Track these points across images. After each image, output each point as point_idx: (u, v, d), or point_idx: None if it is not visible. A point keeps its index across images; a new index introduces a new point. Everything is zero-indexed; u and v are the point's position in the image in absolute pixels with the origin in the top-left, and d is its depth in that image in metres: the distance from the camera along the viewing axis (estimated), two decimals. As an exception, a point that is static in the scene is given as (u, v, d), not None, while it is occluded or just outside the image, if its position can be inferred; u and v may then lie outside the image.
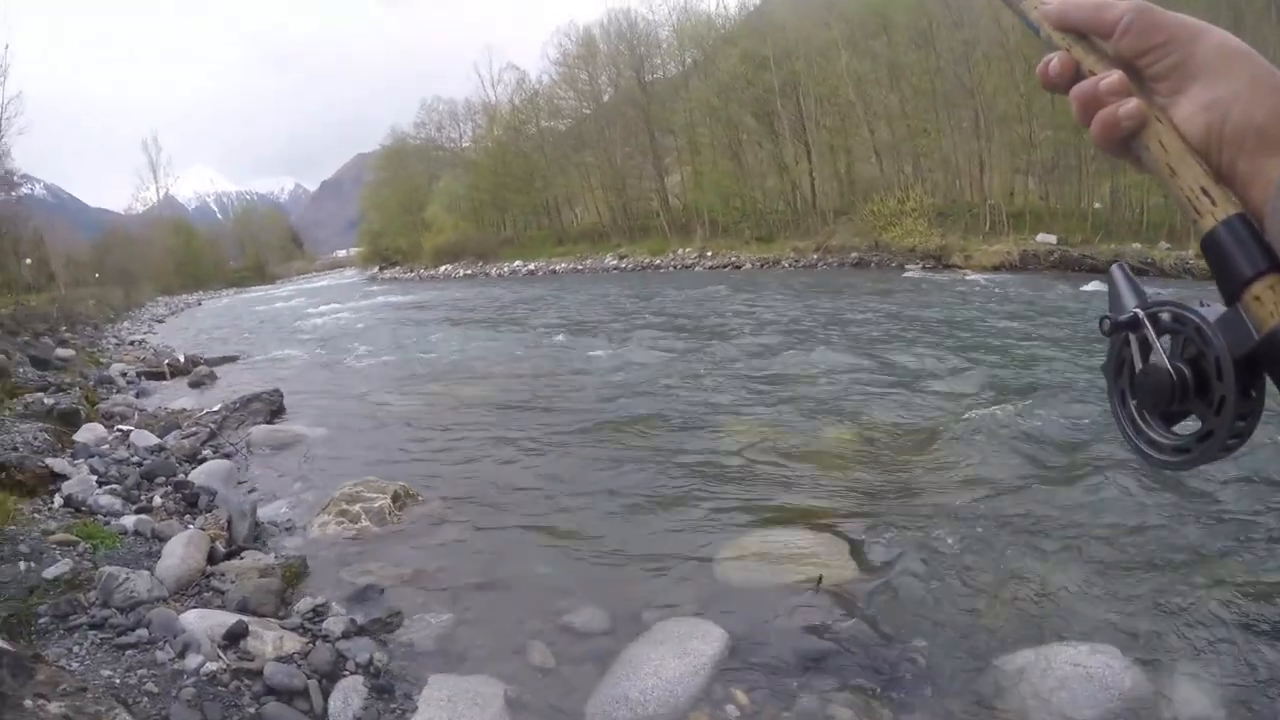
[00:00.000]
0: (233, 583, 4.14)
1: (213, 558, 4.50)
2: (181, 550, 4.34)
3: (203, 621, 3.55)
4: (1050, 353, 10.28)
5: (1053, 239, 27.82)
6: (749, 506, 5.34)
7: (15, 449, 5.88)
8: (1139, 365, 0.58)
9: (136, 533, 4.84)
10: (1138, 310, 0.58)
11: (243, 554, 4.66)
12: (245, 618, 3.62)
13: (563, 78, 53.78)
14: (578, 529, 5.14)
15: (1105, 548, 4.38)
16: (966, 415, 7.15)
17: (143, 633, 3.46)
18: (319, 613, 3.88)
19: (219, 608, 3.87)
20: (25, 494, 5.30)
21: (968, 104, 33.16)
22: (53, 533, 4.51)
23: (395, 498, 5.48)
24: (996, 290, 19.84)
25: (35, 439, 6.43)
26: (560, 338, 14.33)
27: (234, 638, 3.46)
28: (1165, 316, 0.56)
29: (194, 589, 4.13)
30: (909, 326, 13.25)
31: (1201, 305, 0.54)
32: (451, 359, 13.03)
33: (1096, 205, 29.82)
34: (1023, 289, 19.84)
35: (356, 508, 5.30)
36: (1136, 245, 24.69)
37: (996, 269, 26.17)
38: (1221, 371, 0.52)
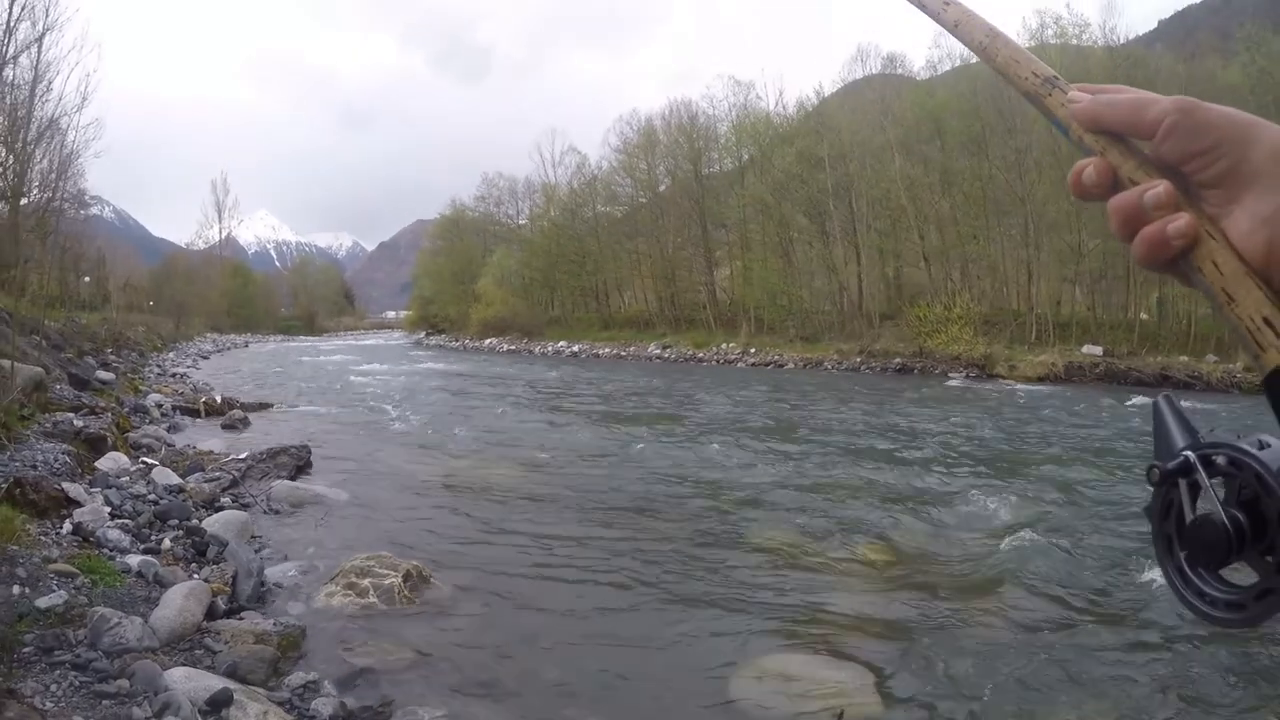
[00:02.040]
0: (226, 644, 3.97)
1: (211, 613, 4.34)
2: (180, 601, 4.19)
3: (188, 683, 3.37)
4: (1093, 474, 9.88)
5: (1098, 350, 27.41)
6: (773, 622, 5.07)
7: (34, 467, 5.84)
8: (1189, 513, 0.51)
9: (139, 574, 4.71)
10: (1188, 453, 0.51)
11: (242, 614, 4.49)
12: (233, 685, 3.43)
13: (621, 165, 55.00)
14: (592, 631, 4.90)
15: (1144, 695, 4.07)
16: (1004, 541, 6.78)
17: (124, 684, 3.29)
18: (310, 689, 3.67)
19: (208, 668, 3.69)
20: (36, 514, 5.22)
21: (1018, 211, 33.22)
22: (54, 560, 4.40)
23: (407, 577, 5.27)
24: (1040, 403, 19.38)
25: (56, 460, 6.40)
26: (598, 426, 14.13)
27: (216, 705, 3.26)
28: (1220, 460, 0.50)
29: (186, 644, 3.96)
30: (950, 440, 12.87)
31: (1261, 446, 0.48)
32: (485, 436, 12.86)
33: (1143, 316, 29.41)
34: (1067, 402, 19.39)
35: (366, 582, 5.11)
36: (1184, 358, 24.22)
37: (1041, 380, 25.69)
38: None
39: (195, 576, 4.90)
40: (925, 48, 72.91)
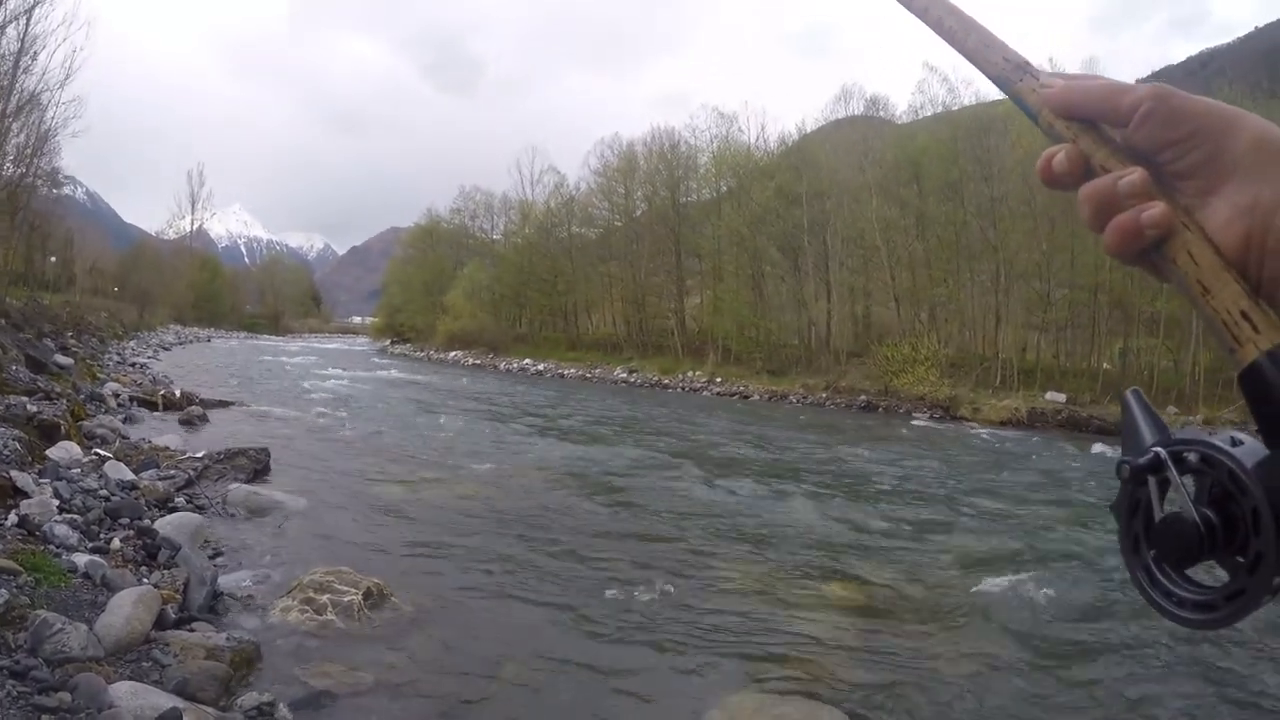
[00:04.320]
0: (176, 657, 3.75)
1: (161, 622, 4.11)
2: (129, 609, 3.96)
3: (134, 699, 3.16)
4: (1057, 518, 9.98)
5: (1061, 398, 27.79)
6: (741, 658, 4.96)
7: (-18, 451, 5.54)
8: (1158, 511, 0.50)
9: (86, 575, 4.47)
10: (1158, 449, 0.50)
11: (193, 625, 4.27)
12: (181, 703, 3.23)
13: (600, 187, 54.92)
14: (557, 661, 4.73)
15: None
16: (972, 579, 6.84)
17: (65, 697, 3.08)
18: (263, 712, 3.48)
19: (155, 683, 3.48)
20: (-20, 501, 4.93)
21: (990, 258, 33.69)
22: (-4, 556, 4.13)
23: (367, 595, 5.06)
24: (1002, 447, 19.57)
25: (5, 447, 6.10)
26: (562, 446, 13.92)
27: (163, 725, 3.05)
28: (1191, 457, 0.49)
29: (133, 655, 3.74)
30: (916, 479, 12.90)
31: (1234, 443, 0.47)
32: (449, 449, 12.61)
33: (1106, 366, 29.97)
34: (1030, 447, 19.58)
35: (324, 598, 4.90)
36: None
37: (1004, 424, 25.92)
38: (1260, 525, 0.46)
39: (145, 581, 4.66)
40: (909, 92, 74.34)
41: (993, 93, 0.64)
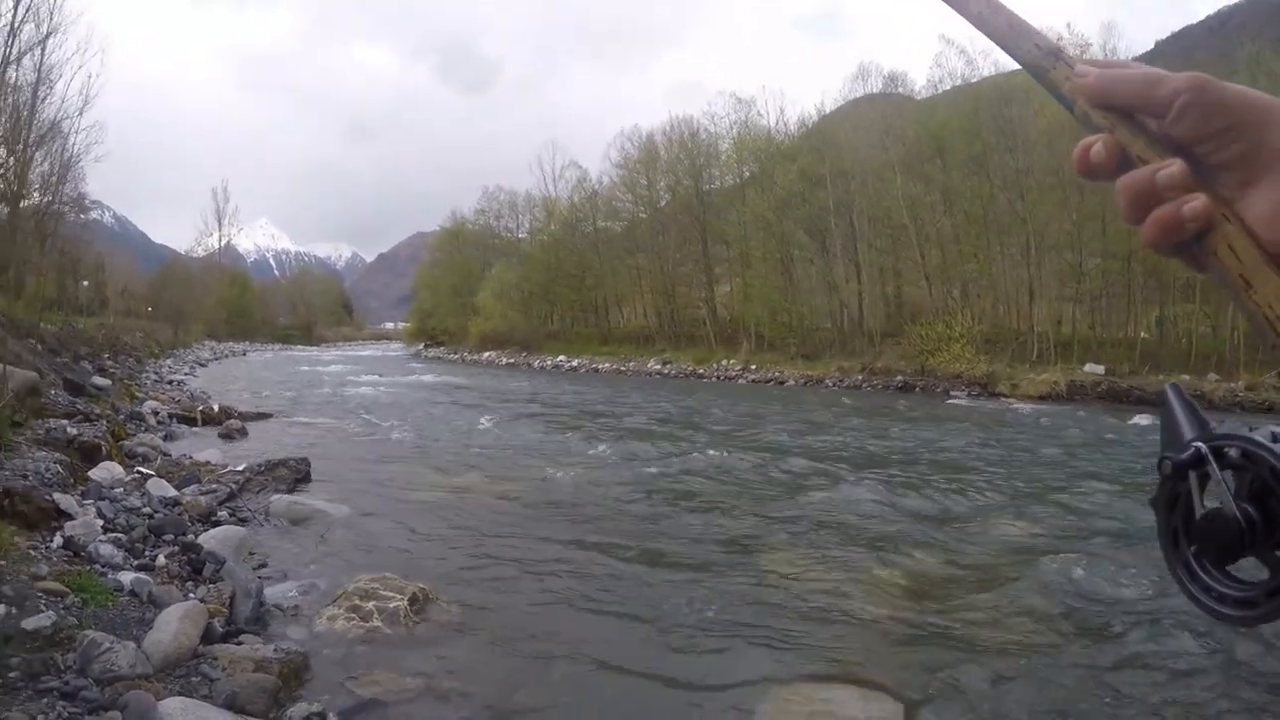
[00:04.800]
0: (224, 671, 3.73)
1: (208, 636, 4.11)
2: (176, 624, 3.96)
3: (183, 715, 3.16)
4: (1103, 492, 9.76)
5: (1100, 369, 27.39)
6: (793, 651, 4.83)
7: (25, 476, 5.61)
8: (1199, 507, 0.50)
9: (132, 593, 4.49)
10: (1199, 444, 0.50)
11: (241, 638, 4.26)
12: (231, 717, 3.24)
13: (622, 180, 54.79)
14: (607, 658, 4.65)
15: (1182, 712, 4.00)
16: (1023, 562, 6.67)
17: (115, 716, 3.08)
18: (312, 723, 3.43)
19: (204, 698, 3.46)
20: (25, 526, 5.00)
21: (1019, 230, 33.12)
22: (43, 578, 4.17)
23: (413, 599, 5.03)
24: (1044, 421, 19.25)
25: (48, 470, 6.17)
26: (602, 442, 13.82)
27: (214, 740, 3.03)
28: (1232, 452, 0.49)
29: (181, 671, 3.73)
30: (958, 459, 12.70)
31: (1275, 439, 0.48)
32: (488, 451, 12.57)
33: (1144, 335, 29.39)
34: (1070, 420, 19.29)
35: (370, 605, 4.87)
36: (1185, 377, 24.24)
37: (1043, 399, 25.60)
38: None
39: (191, 596, 4.67)
40: (927, 67, 73.21)
41: (1012, 62, 0.58)
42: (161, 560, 5.23)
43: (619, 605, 5.53)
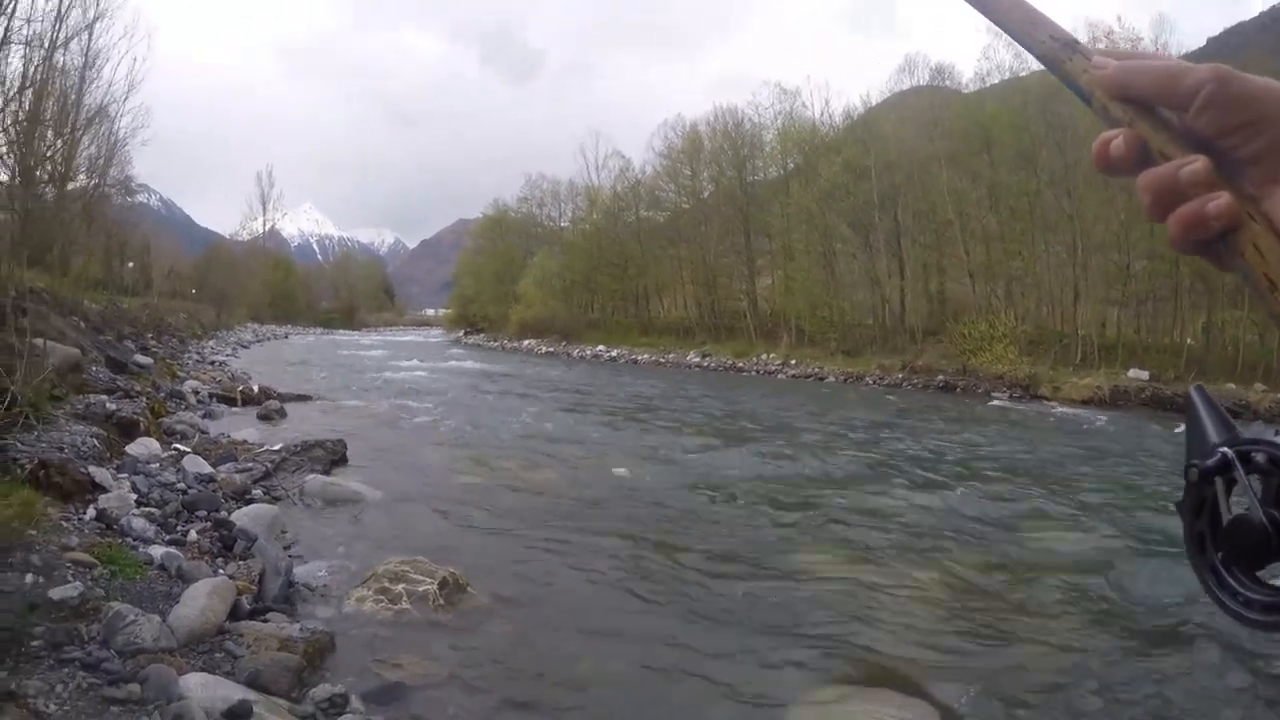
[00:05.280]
0: (249, 648, 3.71)
1: (235, 613, 4.10)
2: (204, 600, 3.95)
3: (204, 691, 3.11)
4: (1145, 502, 9.55)
5: (1144, 375, 26.67)
6: (830, 653, 4.72)
7: (61, 449, 5.67)
8: (1225, 512, 0.49)
9: (161, 567, 4.50)
10: (1225, 450, 0.49)
11: (268, 615, 4.24)
12: (253, 695, 3.18)
13: (665, 170, 54.46)
14: (638, 654, 4.57)
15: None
16: (1063, 569, 6.49)
17: (135, 689, 3.05)
18: (336, 704, 3.39)
19: (227, 674, 3.44)
20: (60, 498, 5.05)
21: (1066, 228, 32.32)
22: (72, 549, 4.19)
23: (443, 584, 4.98)
24: (1086, 427, 18.81)
25: (85, 443, 6.24)
26: (641, 433, 13.75)
27: (234, 718, 2.99)
28: (1259, 457, 0.48)
29: (205, 646, 3.72)
30: (1000, 462, 12.39)
31: None
32: (526, 438, 12.53)
33: (1190, 341, 28.59)
34: (1114, 427, 18.83)
35: (400, 588, 4.84)
36: (1231, 385, 23.57)
37: (1086, 403, 25.01)
38: None
39: (220, 572, 4.67)
40: (974, 59, 71.68)
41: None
42: (193, 536, 5.25)
43: (654, 601, 5.44)
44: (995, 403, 25.59)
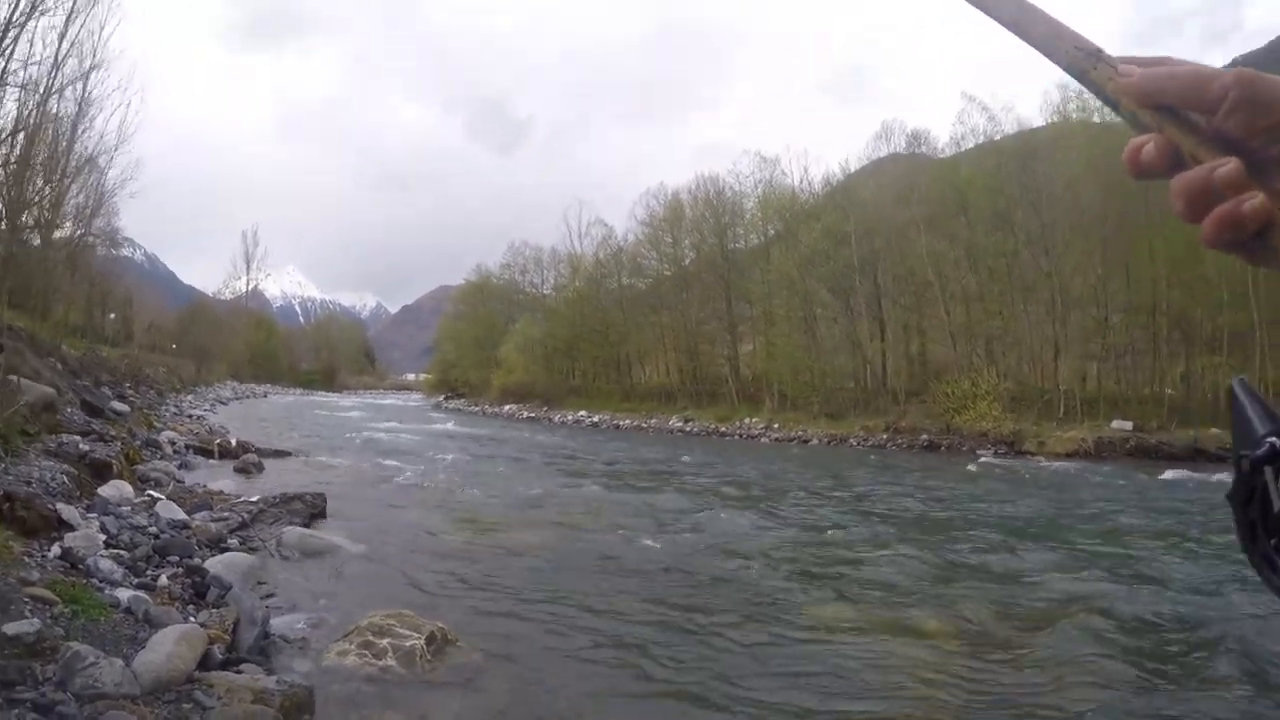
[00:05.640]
0: (220, 699, 3.39)
1: (206, 662, 3.78)
2: (171, 645, 3.64)
3: (169, 744, 2.80)
4: (1138, 546, 9.53)
5: (1128, 425, 26.91)
6: (836, 702, 4.45)
7: (29, 483, 5.36)
8: (1276, 500, 0.50)
9: (128, 610, 4.18)
10: (1273, 440, 0.50)
11: (241, 666, 3.93)
12: (222, 749, 2.85)
13: (647, 238, 55.00)
14: (638, 711, 4.30)
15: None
16: (1069, 614, 6.34)
17: (94, 740, 2.72)
18: (314, 758, 3.07)
19: (195, 727, 3.11)
20: (23, 532, 4.75)
21: (1044, 286, 32.83)
22: (33, 583, 3.87)
23: (431, 639, 4.67)
24: (1073, 479, 18.78)
25: (54, 479, 5.93)
26: (624, 494, 13.41)
27: (202, 772, 2.68)
28: None
29: (171, 695, 3.39)
30: (989, 516, 12.22)
31: None
32: (509, 499, 12.18)
33: (1169, 391, 28.88)
34: (1099, 478, 18.83)
35: (384, 642, 4.52)
36: (1214, 430, 23.68)
37: (1071, 456, 25.15)
38: None
39: (192, 619, 4.35)
40: (949, 124, 73.54)
41: (1035, 118, 0.52)
42: (163, 581, 4.92)
43: (649, 656, 5.13)
44: (982, 459, 25.57)
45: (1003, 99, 54.94)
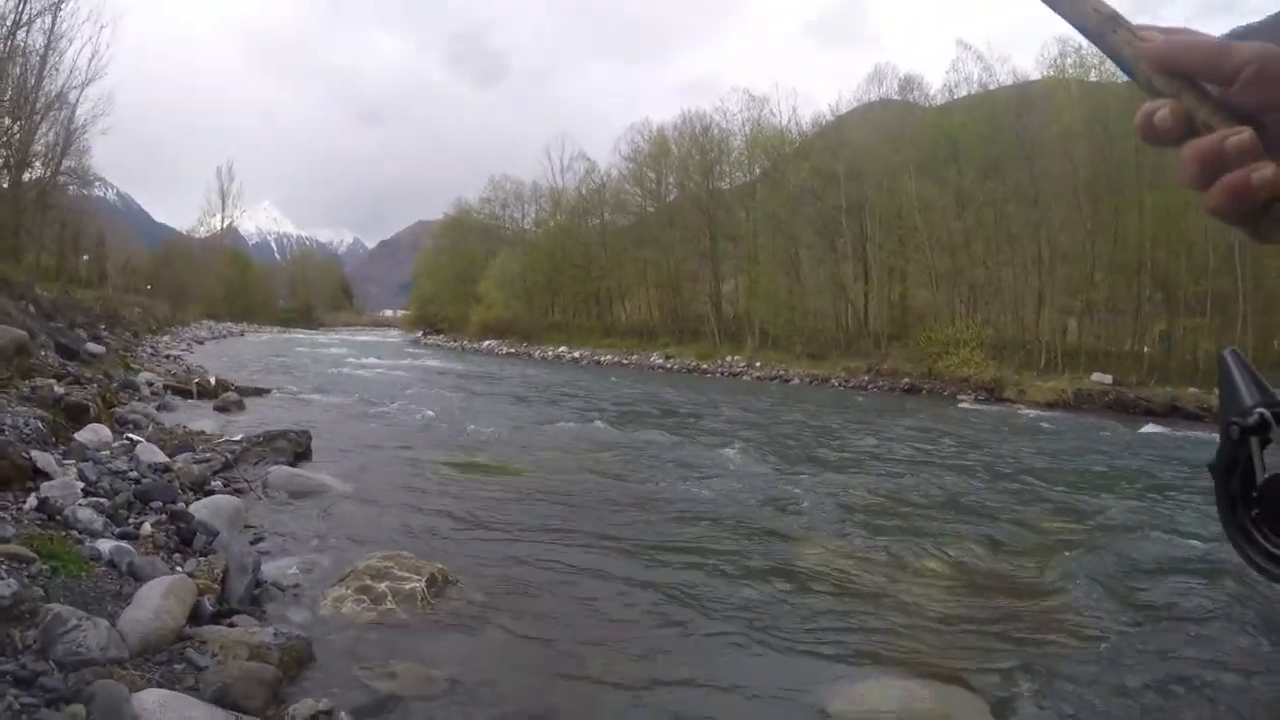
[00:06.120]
0: (214, 658, 3.16)
1: (196, 616, 3.55)
2: (159, 600, 3.38)
3: (164, 712, 2.59)
4: (1124, 495, 9.65)
5: (1108, 379, 27.21)
6: (852, 644, 4.37)
7: (1, 430, 5.03)
8: (1261, 472, 0.51)
9: (111, 563, 3.91)
10: (1262, 410, 0.51)
11: (234, 619, 3.69)
12: (222, 714, 2.65)
13: (631, 174, 54.17)
14: (650, 651, 4.13)
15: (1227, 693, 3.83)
16: (1068, 555, 6.43)
17: (79, 710, 2.49)
18: (321, 724, 2.86)
19: (190, 690, 2.90)
20: (-2, 485, 4.41)
21: (1031, 237, 32.73)
22: (8, 540, 3.59)
23: (431, 581, 4.47)
24: (1053, 428, 18.98)
25: (27, 425, 5.60)
26: (612, 430, 13.22)
27: (200, 743, 2.46)
28: None
29: (163, 656, 3.16)
30: (974, 459, 12.24)
31: None
32: (499, 435, 11.91)
33: (1147, 349, 29.19)
34: (1080, 428, 19.07)
35: (383, 586, 4.31)
36: (1193, 390, 23.98)
37: (1051, 405, 25.44)
38: None
39: (178, 569, 4.10)
40: (943, 71, 72.15)
41: (1030, 72, 0.51)
42: (147, 529, 4.64)
43: (659, 595, 4.97)
44: (963, 404, 25.88)
45: (998, 50, 53.96)
